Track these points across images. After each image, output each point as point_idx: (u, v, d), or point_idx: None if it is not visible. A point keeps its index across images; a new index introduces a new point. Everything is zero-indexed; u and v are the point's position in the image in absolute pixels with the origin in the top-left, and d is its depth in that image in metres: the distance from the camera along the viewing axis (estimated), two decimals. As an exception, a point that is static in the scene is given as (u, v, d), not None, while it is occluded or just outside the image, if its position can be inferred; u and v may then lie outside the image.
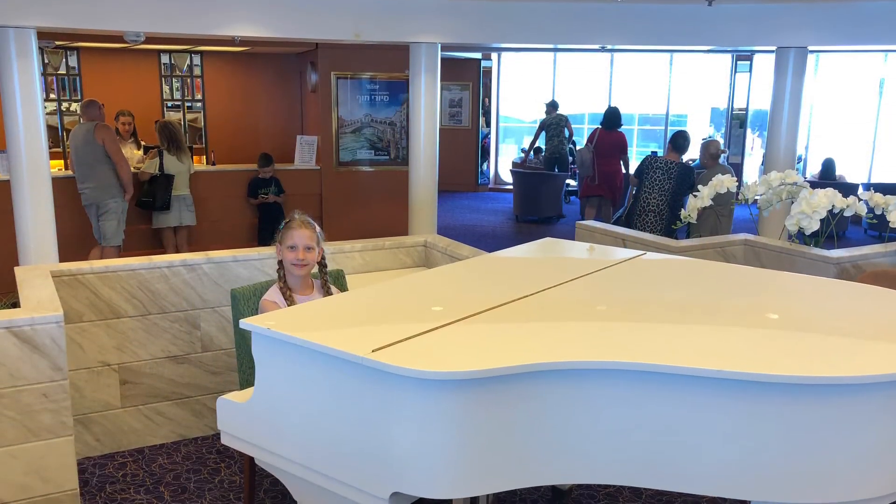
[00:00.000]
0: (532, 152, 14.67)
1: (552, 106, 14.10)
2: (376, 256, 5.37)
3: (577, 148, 12.77)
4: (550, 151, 13.95)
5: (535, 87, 17.70)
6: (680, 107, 17.40)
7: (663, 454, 2.53)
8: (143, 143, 9.74)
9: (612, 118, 10.79)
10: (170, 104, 11.46)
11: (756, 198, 5.78)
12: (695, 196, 5.98)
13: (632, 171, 9.65)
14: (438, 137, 8.44)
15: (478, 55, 16.36)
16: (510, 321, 2.97)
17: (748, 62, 16.35)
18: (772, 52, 8.98)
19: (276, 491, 4.16)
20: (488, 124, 17.74)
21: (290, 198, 9.51)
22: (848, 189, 11.05)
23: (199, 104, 11.58)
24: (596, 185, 10.96)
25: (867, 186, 13.05)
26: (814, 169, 15.02)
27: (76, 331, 4.38)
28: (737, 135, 16.64)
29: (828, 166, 13.33)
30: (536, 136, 14.21)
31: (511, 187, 14.83)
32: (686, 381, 2.46)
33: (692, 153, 12.19)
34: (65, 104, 10.82)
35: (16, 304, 3.78)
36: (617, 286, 3.56)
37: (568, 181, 14.33)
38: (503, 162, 17.70)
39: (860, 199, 5.39)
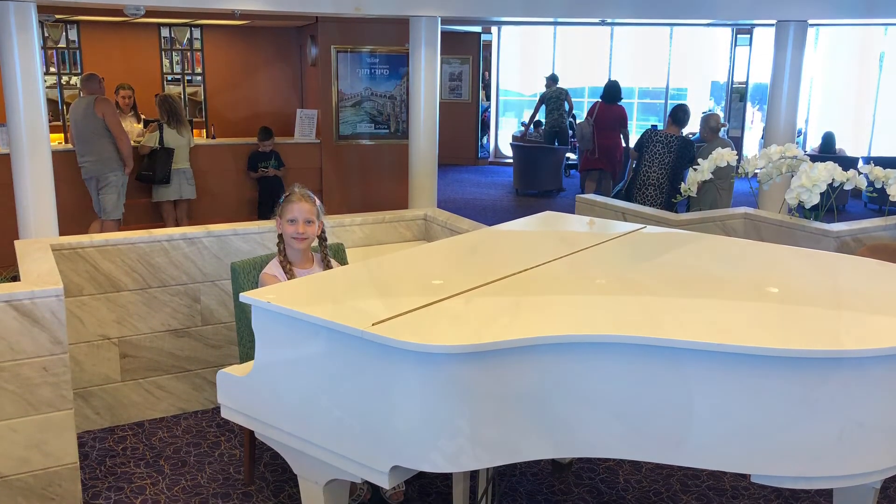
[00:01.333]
0: (532, 126, 14.64)
1: (552, 79, 14.06)
2: (376, 230, 5.36)
3: (577, 121, 12.73)
4: (550, 125, 13.94)
5: (535, 61, 17.64)
6: (680, 80, 17.35)
7: (663, 428, 2.53)
8: (143, 116, 9.71)
9: (612, 92, 10.77)
10: (170, 78, 11.39)
11: (756, 171, 5.78)
12: (695, 170, 5.96)
13: (632, 144, 9.62)
14: (438, 111, 8.40)
15: (478, 28, 16.28)
16: (510, 295, 2.96)
17: (748, 35, 16.26)
18: (772, 25, 8.92)
19: (276, 464, 4.18)
20: (488, 98, 17.68)
21: (290, 171, 9.47)
22: (848, 162, 10.99)
23: (199, 78, 11.51)
24: (596, 159, 10.95)
25: (867, 160, 12.99)
26: (814, 142, 15.00)
27: (76, 304, 4.39)
28: (737, 108, 16.59)
29: (828, 140, 13.31)
30: (536, 110, 14.20)
31: (511, 161, 14.80)
32: (686, 355, 2.45)
33: (692, 127, 12.14)
34: (65, 78, 10.75)
35: (16, 278, 3.78)
36: (617, 260, 3.56)
37: (568, 155, 14.30)
38: (503, 135, 17.66)
39: (860, 173, 5.38)
